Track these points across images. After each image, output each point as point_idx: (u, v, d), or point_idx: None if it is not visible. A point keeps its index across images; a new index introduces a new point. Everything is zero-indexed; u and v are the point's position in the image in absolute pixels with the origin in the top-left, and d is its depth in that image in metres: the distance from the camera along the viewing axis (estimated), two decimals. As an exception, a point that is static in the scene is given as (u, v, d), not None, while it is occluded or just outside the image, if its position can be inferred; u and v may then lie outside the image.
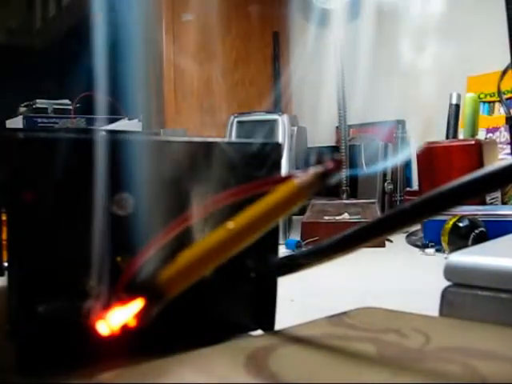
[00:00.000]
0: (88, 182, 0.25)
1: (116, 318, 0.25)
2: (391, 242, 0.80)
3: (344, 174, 0.89)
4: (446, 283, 0.33)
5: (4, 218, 0.26)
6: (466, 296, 0.31)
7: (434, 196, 0.24)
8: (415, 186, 1.16)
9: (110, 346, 0.25)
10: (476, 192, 0.23)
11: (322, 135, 1.32)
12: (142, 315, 0.25)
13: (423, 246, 0.72)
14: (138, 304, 0.25)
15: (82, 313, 0.25)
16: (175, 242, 0.25)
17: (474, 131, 0.96)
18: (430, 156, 0.90)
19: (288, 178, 0.25)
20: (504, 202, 0.91)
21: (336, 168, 0.24)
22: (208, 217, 0.26)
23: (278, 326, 0.31)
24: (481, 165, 0.87)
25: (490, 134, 1.14)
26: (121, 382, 0.22)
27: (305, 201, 0.25)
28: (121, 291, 0.25)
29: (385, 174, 1.06)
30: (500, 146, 1.08)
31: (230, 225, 0.25)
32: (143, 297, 0.25)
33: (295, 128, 0.92)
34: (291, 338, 0.27)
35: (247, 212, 0.25)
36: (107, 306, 0.25)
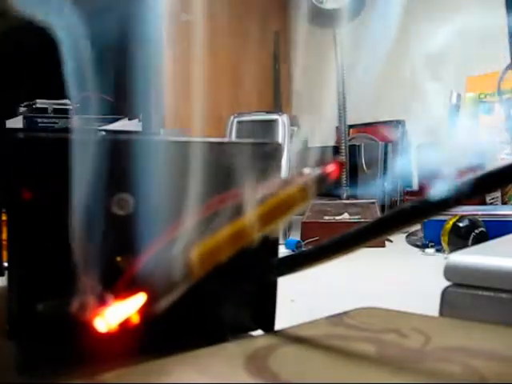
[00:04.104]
0: (87, 182, 0.25)
1: (116, 317, 0.25)
2: (391, 241, 0.80)
3: (344, 174, 0.89)
4: (446, 283, 0.33)
5: (4, 218, 0.26)
6: (466, 296, 0.31)
7: (434, 196, 0.24)
8: (415, 185, 1.16)
9: (110, 344, 0.25)
10: (477, 192, 0.23)
11: (322, 135, 1.32)
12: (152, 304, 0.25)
13: (423, 246, 0.73)
14: (138, 301, 0.25)
15: (82, 311, 0.25)
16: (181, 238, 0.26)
17: (473, 131, 0.96)
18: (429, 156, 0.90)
19: (290, 179, 0.25)
20: (504, 202, 0.91)
21: (337, 170, 0.24)
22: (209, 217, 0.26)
23: (278, 326, 0.31)
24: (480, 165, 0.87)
25: (490, 134, 1.14)
26: (121, 382, 0.22)
27: (306, 202, 0.25)
28: (121, 290, 0.25)
29: (385, 174, 1.06)
30: (500, 146, 1.08)
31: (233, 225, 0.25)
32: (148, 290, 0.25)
33: (295, 128, 0.92)
34: (291, 338, 0.27)
35: (249, 213, 0.25)
36: (107, 305, 0.25)
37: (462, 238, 0.66)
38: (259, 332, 0.31)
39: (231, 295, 0.30)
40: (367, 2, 0.88)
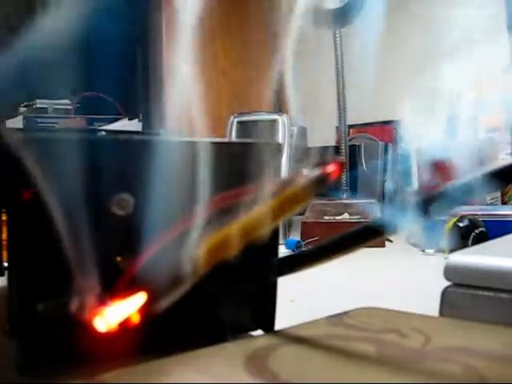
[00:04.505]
0: (88, 182, 0.25)
1: (116, 316, 0.25)
2: (391, 241, 0.80)
3: (344, 174, 0.89)
4: (446, 283, 0.33)
5: (4, 217, 0.26)
6: (466, 296, 0.31)
7: (434, 196, 0.24)
8: (415, 186, 1.16)
9: (110, 344, 0.25)
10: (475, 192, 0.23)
11: (322, 135, 1.32)
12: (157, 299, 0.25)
13: (423, 246, 0.73)
14: (138, 301, 0.25)
15: (82, 311, 0.25)
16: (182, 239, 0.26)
17: (474, 131, 0.96)
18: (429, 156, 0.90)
19: (290, 179, 0.25)
20: (504, 202, 0.91)
21: (338, 170, 0.24)
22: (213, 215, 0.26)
23: (278, 326, 0.31)
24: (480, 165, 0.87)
25: (490, 134, 1.14)
26: (121, 382, 0.22)
27: (307, 202, 0.25)
28: (121, 290, 0.25)
29: (384, 174, 1.06)
30: (500, 145, 1.08)
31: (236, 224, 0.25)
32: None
33: (295, 128, 0.92)
34: (291, 338, 0.27)
35: (249, 213, 0.25)
36: (107, 305, 0.25)
37: (462, 237, 0.66)
38: (259, 332, 0.31)
39: (231, 295, 0.30)
40: (367, 2, 0.88)
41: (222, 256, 0.26)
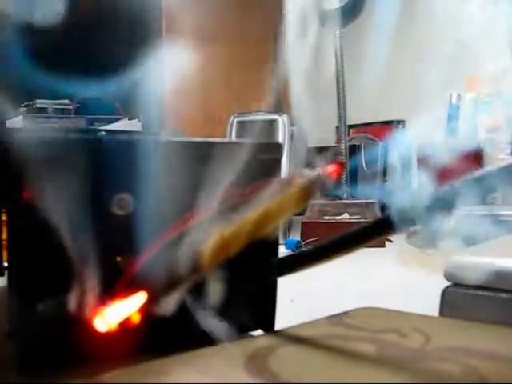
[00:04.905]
0: (87, 182, 0.25)
1: (116, 316, 0.25)
2: (391, 241, 0.80)
3: (344, 174, 0.89)
4: (446, 283, 0.33)
5: (4, 218, 0.26)
6: (466, 296, 0.32)
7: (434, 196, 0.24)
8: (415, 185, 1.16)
9: (110, 344, 0.25)
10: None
11: (322, 135, 1.32)
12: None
13: (423, 246, 0.72)
14: (139, 300, 0.25)
15: (82, 311, 0.25)
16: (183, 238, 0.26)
17: (473, 131, 0.96)
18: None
19: (291, 179, 0.25)
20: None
21: (338, 170, 0.24)
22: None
23: (278, 326, 0.31)
24: (480, 165, 0.87)
25: (490, 134, 1.14)
26: (121, 382, 0.22)
27: (307, 202, 0.25)
28: (122, 290, 0.25)
29: (384, 174, 1.06)
30: (500, 145, 1.08)
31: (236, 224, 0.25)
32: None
33: (295, 128, 0.92)
34: (291, 338, 0.27)
35: (250, 214, 0.25)
36: (107, 305, 0.25)
37: (462, 237, 0.66)
38: (259, 332, 0.31)
39: (232, 295, 0.30)
40: (367, 2, 0.88)
41: (222, 256, 0.26)
